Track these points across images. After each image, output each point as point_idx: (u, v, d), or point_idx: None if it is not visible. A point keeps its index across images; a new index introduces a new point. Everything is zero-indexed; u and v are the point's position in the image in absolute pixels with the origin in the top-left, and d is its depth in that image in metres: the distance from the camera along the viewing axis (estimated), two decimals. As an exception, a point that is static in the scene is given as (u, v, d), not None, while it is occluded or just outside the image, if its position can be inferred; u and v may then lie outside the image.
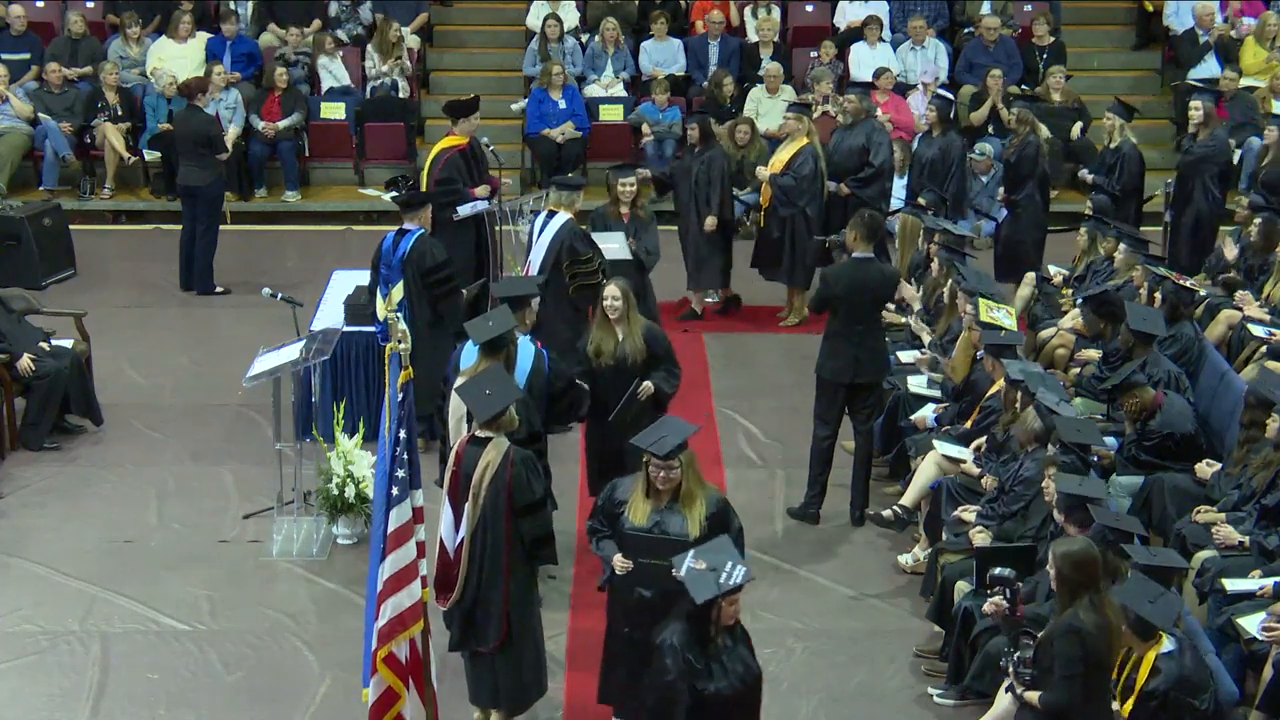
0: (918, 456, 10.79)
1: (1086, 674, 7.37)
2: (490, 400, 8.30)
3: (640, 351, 10.12)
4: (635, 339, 10.12)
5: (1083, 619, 7.36)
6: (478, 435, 8.35)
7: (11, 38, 18.11)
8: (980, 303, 11.03)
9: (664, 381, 10.22)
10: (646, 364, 10.16)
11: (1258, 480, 9.58)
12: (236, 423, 12.56)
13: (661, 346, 10.25)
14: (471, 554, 8.28)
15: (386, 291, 11.66)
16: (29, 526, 11.09)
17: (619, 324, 10.13)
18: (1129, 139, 14.65)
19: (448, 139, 13.26)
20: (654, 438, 8.13)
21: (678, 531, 8.05)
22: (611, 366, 10.11)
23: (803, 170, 14.22)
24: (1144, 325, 10.91)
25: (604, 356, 10.12)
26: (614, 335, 10.14)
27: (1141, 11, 19.50)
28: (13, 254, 15.14)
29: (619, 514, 8.21)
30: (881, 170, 14.55)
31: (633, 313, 10.17)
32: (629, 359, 10.10)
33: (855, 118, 14.69)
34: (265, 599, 10.22)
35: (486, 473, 8.20)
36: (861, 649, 9.76)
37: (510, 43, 19.30)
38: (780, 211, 14.24)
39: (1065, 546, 7.61)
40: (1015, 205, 14.59)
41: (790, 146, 14.36)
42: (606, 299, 10.10)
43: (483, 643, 8.39)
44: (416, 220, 11.76)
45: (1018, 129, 14.83)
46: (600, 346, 10.14)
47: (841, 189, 14.54)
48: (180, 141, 15.35)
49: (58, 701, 9.21)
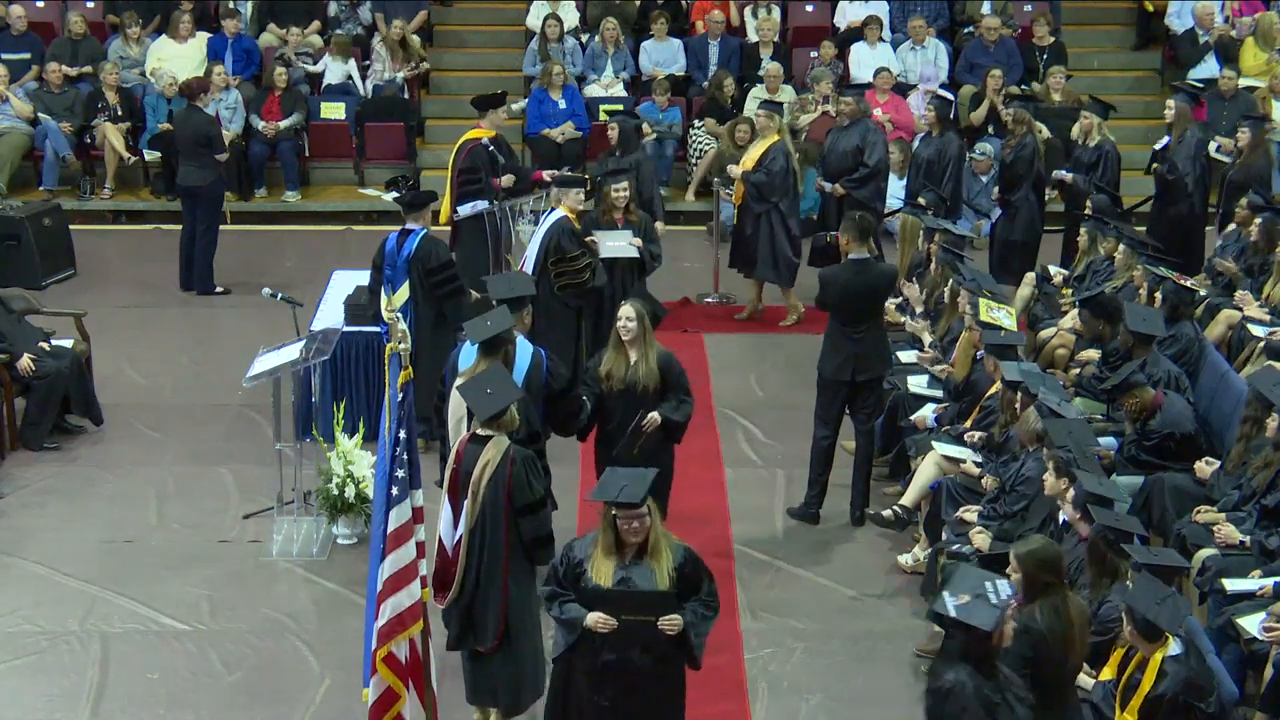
0: (918, 456, 10.78)
1: (1037, 674, 7.19)
2: (491, 399, 8.30)
3: (652, 378, 9.65)
4: (649, 363, 9.64)
5: (1038, 620, 7.27)
6: (478, 433, 8.35)
7: (12, 38, 18.13)
8: (980, 303, 11.03)
9: (673, 411, 9.73)
10: (657, 392, 9.71)
11: (1258, 480, 9.58)
12: (236, 423, 12.56)
13: (674, 374, 9.76)
14: (469, 552, 8.27)
15: (392, 292, 11.66)
16: (29, 526, 11.09)
17: (632, 347, 9.66)
18: (1108, 137, 14.66)
19: (474, 130, 13.39)
20: (615, 488, 7.47)
21: (647, 587, 7.47)
22: (621, 391, 9.66)
23: (774, 166, 14.27)
24: (1143, 326, 10.91)
25: (613, 380, 9.66)
26: (626, 359, 9.68)
27: (1141, 11, 19.50)
28: (13, 254, 15.16)
29: (580, 574, 7.54)
30: (877, 171, 14.58)
31: (648, 336, 9.69)
32: (639, 385, 9.64)
33: (851, 119, 14.72)
34: (265, 599, 10.22)
35: (486, 470, 8.20)
36: (861, 649, 9.75)
37: (510, 43, 19.31)
38: (754, 208, 14.29)
39: (1028, 547, 7.54)
40: (1011, 206, 14.59)
41: (761, 144, 14.42)
42: (621, 319, 9.61)
43: (481, 641, 8.38)
44: (420, 220, 11.77)
45: (1014, 129, 14.83)
46: (611, 369, 9.69)
47: (836, 189, 14.56)
48: (180, 141, 15.36)
49: (58, 701, 9.20)
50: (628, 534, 7.45)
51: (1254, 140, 14.59)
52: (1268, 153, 14.67)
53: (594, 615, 7.46)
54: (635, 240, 12.64)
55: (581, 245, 12.07)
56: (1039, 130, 15.14)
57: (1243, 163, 14.54)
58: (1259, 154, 14.53)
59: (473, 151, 13.19)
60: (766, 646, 9.71)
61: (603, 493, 7.52)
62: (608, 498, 7.46)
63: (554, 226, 12.00)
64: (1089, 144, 14.68)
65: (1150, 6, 19.32)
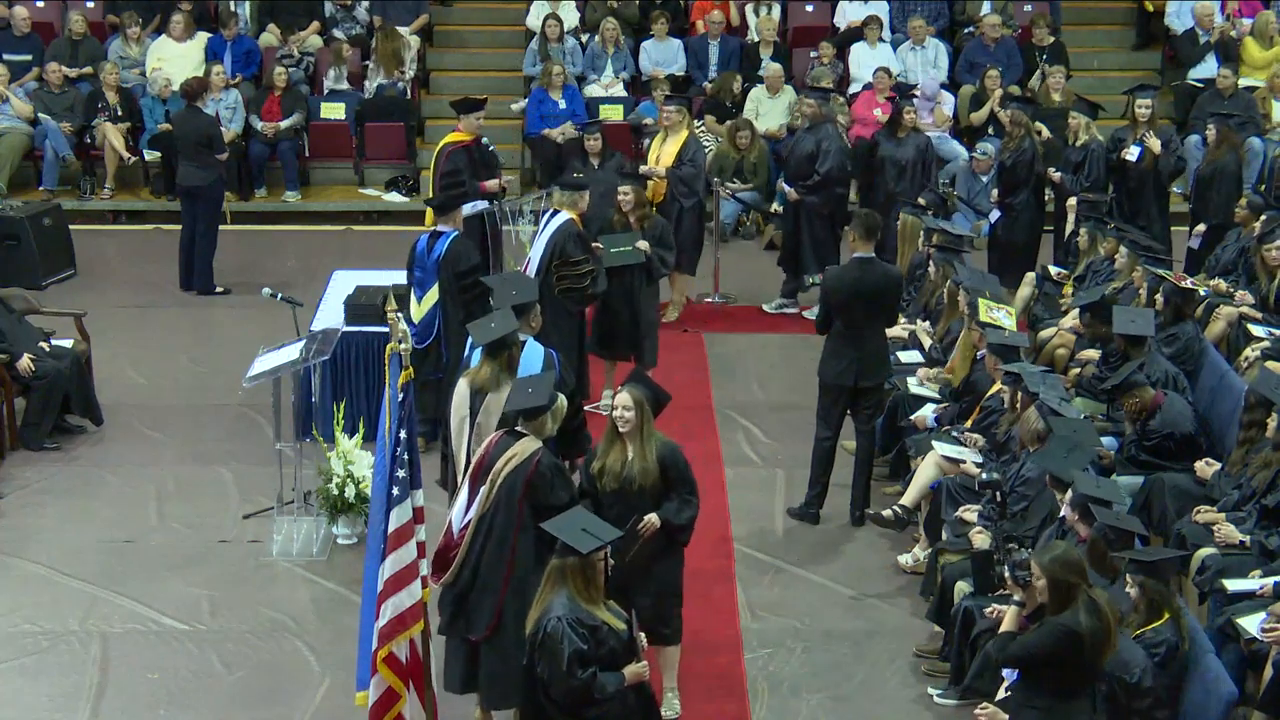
0: (918, 456, 10.78)
1: (1066, 674, 7.31)
2: (528, 397, 8.35)
3: (651, 475, 8.46)
4: (646, 458, 8.47)
5: (1082, 622, 7.30)
6: (516, 429, 8.38)
7: (13, 38, 18.11)
8: (980, 303, 11.03)
9: (674, 514, 8.51)
10: (656, 490, 8.51)
11: (1258, 480, 9.58)
12: (236, 423, 12.56)
13: (677, 470, 8.56)
14: (474, 537, 8.25)
15: (422, 294, 11.66)
16: (29, 526, 11.09)
17: (630, 439, 8.51)
18: (1096, 137, 14.67)
19: (452, 135, 13.46)
20: (572, 532, 7.41)
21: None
22: (615, 490, 8.47)
23: (697, 159, 14.39)
24: (1131, 328, 10.90)
25: (607, 478, 8.48)
26: (622, 453, 8.51)
27: (1141, 11, 19.50)
28: (13, 254, 15.15)
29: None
30: (829, 178, 14.38)
31: (647, 427, 8.50)
32: (635, 483, 8.45)
33: (813, 121, 14.63)
34: (265, 599, 10.22)
35: (510, 463, 8.21)
36: (861, 649, 9.75)
37: (510, 43, 19.30)
38: (683, 203, 14.28)
39: (1050, 554, 7.51)
40: (1011, 209, 14.59)
41: (675, 140, 14.47)
42: (617, 409, 8.48)
43: (472, 630, 8.35)
44: (450, 222, 11.75)
45: (1013, 132, 14.82)
46: (604, 465, 8.51)
47: (791, 193, 14.55)
48: (180, 142, 15.37)
49: (58, 701, 9.20)
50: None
51: (1219, 137, 14.61)
52: (1236, 149, 14.67)
53: None
54: (642, 244, 12.49)
55: (586, 250, 12.00)
56: (1037, 131, 15.13)
57: (1210, 159, 14.56)
58: (1224, 150, 14.54)
59: (453, 155, 13.26)
60: (766, 646, 9.71)
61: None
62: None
63: (560, 231, 11.91)
64: (1076, 144, 14.70)
65: (1150, 6, 19.31)
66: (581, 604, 7.32)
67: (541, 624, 7.31)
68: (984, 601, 8.86)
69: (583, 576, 7.35)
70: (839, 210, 14.55)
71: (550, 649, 7.26)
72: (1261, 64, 17.85)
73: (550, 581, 7.40)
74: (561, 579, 7.36)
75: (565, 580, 7.35)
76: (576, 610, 7.31)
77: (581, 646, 7.26)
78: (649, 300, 12.63)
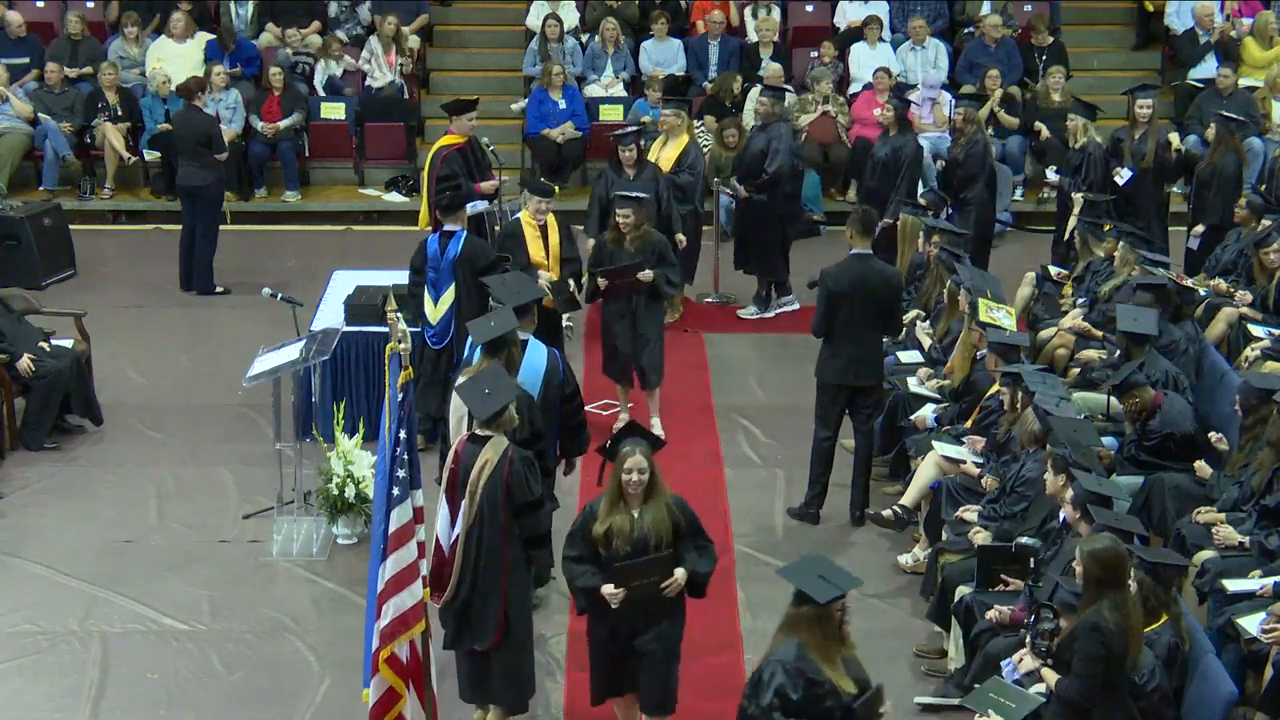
0: (918, 456, 10.79)
1: (1106, 671, 7.45)
2: (489, 399, 8.31)
3: (665, 533, 8.18)
4: (659, 516, 8.18)
5: (1106, 617, 7.43)
6: (477, 433, 8.35)
7: (10, 41, 18.09)
8: (980, 303, 11.03)
9: (698, 563, 8.31)
10: (669, 544, 8.24)
11: (1258, 480, 9.59)
12: (236, 423, 12.56)
13: (687, 519, 8.30)
14: (466, 551, 8.27)
15: (438, 295, 11.64)
16: (29, 526, 11.10)
17: (637, 500, 8.18)
18: (1094, 138, 14.66)
19: (445, 138, 13.49)
20: (809, 580, 7.09)
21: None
22: (627, 553, 8.14)
23: (697, 166, 14.35)
24: (1135, 326, 10.90)
25: (619, 540, 8.12)
26: (629, 514, 8.17)
27: (1141, 11, 19.49)
28: (13, 254, 15.15)
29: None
30: (777, 177, 14.31)
31: (658, 485, 8.19)
32: (650, 540, 8.15)
33: (765, 120, 14.59)
34: (265, 599, 10.22)
35: (484, 470, 8.20)
36: (862, 649, 9.63)
37: (510, 43, 19.30)
38: (678, 210, 14.08)
39: (1092, 545, 7.63)
40: (965, 204, 14.55)
41: (675, 144, 14.44)
42: (631, 473, 8.11)
43: (479, 640, 8.37)
44: (458, 222, 11.74)
45: (964, 128, 14.79)
46: (614, 528, 8.14)
47: (740, 191, 14.53)
48: (180, 141, 15.36)
49: (58, 701, 9.21)
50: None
51: (1219, 137, 14.60)
52: (1237, 150, 14.67)
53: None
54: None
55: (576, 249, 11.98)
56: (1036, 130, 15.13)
57: (1210, 161, 14.55)
58: (1223, 151, 14.52)
59: (448, 158, 13.27)
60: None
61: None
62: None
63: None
64: (1075, 146, 14.69)
65: (1150, 6, 19.30)
66: (811, 655, 6.89)
67: (760, 668, 6.95)
68: (986, 596, 8.88)
69: (817, 626, 6.92)
70: (788, 209, 14.56)
71: (756, 684, 6.91)
72: (1261, 64, 17.86)
73: (784, 629, 7.00)
74: (794, 628, 6.95)
75: (799, 629, 6.94)
76: (803, 661, 6.87)
77: (790, 693, 6.82)
78: (652, 319, 12.13)
